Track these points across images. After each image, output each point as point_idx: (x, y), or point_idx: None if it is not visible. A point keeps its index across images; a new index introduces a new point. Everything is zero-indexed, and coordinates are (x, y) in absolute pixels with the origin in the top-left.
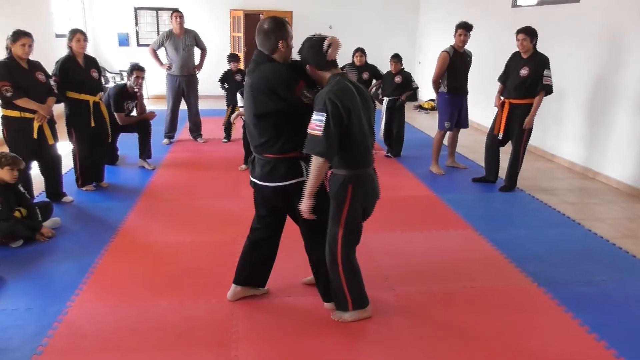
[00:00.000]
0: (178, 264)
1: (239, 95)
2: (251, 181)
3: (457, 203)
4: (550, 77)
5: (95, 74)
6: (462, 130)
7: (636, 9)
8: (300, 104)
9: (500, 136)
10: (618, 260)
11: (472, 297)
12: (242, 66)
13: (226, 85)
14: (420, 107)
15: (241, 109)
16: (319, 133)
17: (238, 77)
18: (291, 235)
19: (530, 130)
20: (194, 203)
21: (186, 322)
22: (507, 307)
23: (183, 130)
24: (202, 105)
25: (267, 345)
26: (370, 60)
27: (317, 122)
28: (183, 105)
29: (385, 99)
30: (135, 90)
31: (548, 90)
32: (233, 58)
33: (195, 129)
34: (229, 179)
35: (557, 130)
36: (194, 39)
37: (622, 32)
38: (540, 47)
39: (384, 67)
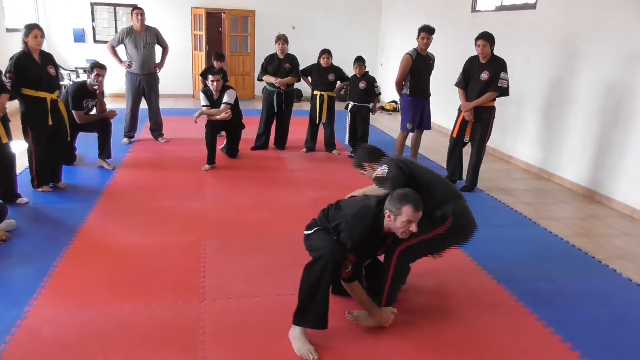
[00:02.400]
0: (142, 266)
1: (201, 95)
2: None
3: None
4: (507, 80)
5: (52, 71)
6: (424, 132)
7: (590, 16)
8: None
9: (467, 139)
10: (572, 258)
11: (434, 295)
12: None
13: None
14: (382, 109)
15: (203, 108)
16: None
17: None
18: (256, 236)
19: (490, 131)
20: (156, 204)
21: (151, 324)
22: (469, 303)
23: (144, 130)
24: (163, 104)
25: (235, 346)
26: (333, 62)
27: None
28: (143, 104)
29: (351, 104)
30: (95, 88)
31: (502, 92)
32: (218, 57)
33: (157, 129)
34: (192, 179)
35: (514, 133)
36: (155, 37)
37: (576, 39)
38: (499, 52)
39: (346, 68)
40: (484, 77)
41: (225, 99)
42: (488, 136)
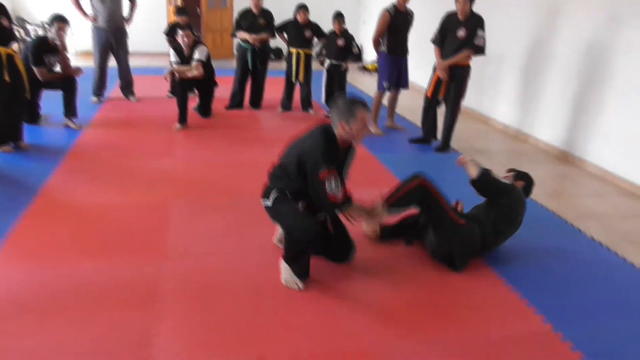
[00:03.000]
0: (105, 225)
1: (171, 51)
2: None
3: (393, 163)
4: (484, 38)
5: (5, 22)
6: (402, 91)
7: None
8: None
9: (440, 99)
10: (540, 218)
11: (412, 255)
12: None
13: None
14: (364, 69)
15: (175, 66)
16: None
17: None
18: (224, 196)
19: (464, 91)
20: (124, 163)
21: (111, 283)
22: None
23: (115, 89)
24: (137, 62)
25: (192, 303)
26: (312, 19)
27: None
28: (113, 62)
29: (327, 62)
30: (57, 43)
31: (478, 50)
32: (180, 12)
33: (127, 87)
34: (162, 138)
35: (493, 93)
36: None
37: None
38: (480, 10)
39: (326, 25)
40: (461, 34)
41: (196, 56)
42: (463, 96)
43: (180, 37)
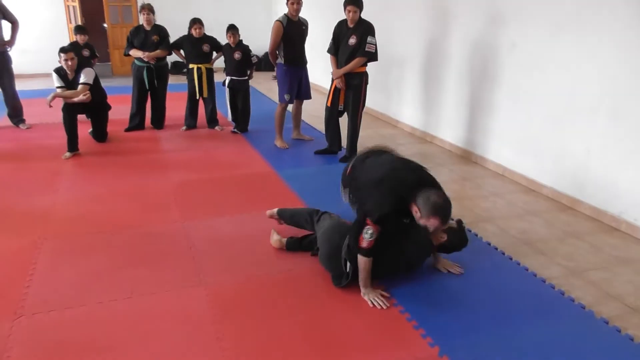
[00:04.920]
0: None
1: (54, 75)
2: None
3: (294, 178)
4: (374, 45)
5: None
6: (312, 100)
7: None
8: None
9: (341, 107)
10: None
11: (294, 281)
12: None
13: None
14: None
15: (58, 90)
16: None
17: (85, 53)
18: (102, 232)
19: (363, 98)
20: None
21: None
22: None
23: (4, 117)
24: (37, 85)
25: None
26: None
27: None
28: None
29: (228, 78)
30: None
31: (370, 57)
32: (79, 30)
33: (15, 114)
34: (46, 170)
35: (398, 97)
36: (0, 11)
37: None
38: (377, 15)
39: (243, 35)
40: (352, 42)
41: (82, 79)
42: (362, 103)
43: (63, 60)
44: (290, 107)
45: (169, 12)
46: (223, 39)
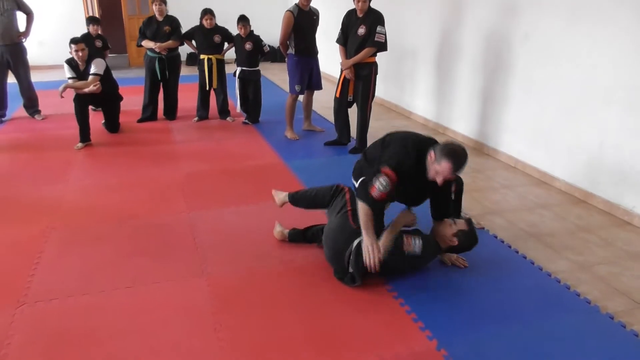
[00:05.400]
0: None
1: (65, 66)
2: None
3: (302, 170)
4: (384, 34)
5: None
6: (325, 91)
7: None
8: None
9: (350, 98)
10: None
11: (295, 273)
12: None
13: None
14: None
15: (69, 81)
16: None
17: (98, 44)
18: (110, 222)
19: (372, 88)
20: (4, 192)
21: None
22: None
23: (20, 108)
24: (53, 76)
25: (42, 357)
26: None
27: None
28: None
29: (238, 69)
30: None
31: (380, 47)
32: (92, 21)
33: (31, 105)
34: (59, 160)
35: (411, 88)
36: (15, 2)
37: None
38: (390, 6)
39: (254, 24)
40: (361, 32)
41: (92, 70)
42: (372, 94)
43: (74, 51)
44: (301, 97)
45: (182, 2)
46: (236, 30)
